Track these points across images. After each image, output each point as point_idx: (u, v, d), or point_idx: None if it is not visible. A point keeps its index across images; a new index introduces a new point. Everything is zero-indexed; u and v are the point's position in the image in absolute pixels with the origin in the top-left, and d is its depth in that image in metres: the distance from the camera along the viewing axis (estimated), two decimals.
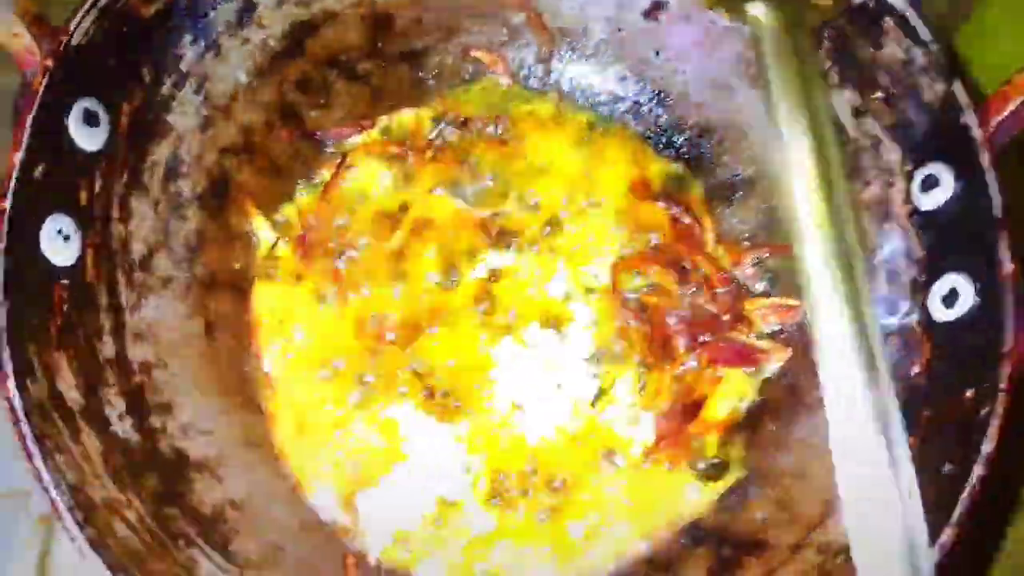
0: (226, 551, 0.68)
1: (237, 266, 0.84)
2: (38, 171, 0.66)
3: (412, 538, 0.76)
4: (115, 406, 0.68)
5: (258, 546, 0.70)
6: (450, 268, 0.85)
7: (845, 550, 0.66)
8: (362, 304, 0.84)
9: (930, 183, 0.73)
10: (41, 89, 0.67)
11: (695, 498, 0.78)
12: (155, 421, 0.71)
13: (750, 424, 0.80)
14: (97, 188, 0.72)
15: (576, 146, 0.90)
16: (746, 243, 0.87)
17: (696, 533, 0.76)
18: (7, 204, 0.64)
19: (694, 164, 0.90)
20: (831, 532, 0.69)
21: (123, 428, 0.68)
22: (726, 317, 0.83)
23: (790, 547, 0.70)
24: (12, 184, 0.64)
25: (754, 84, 0.86)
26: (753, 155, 0.88)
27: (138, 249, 0.76)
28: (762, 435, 0.79)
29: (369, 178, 0.89)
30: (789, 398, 0.80)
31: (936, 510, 0.61)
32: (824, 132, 0.69)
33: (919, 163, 0.74)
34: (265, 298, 0.84)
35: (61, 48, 0.67)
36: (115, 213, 0.74)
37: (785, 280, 0.85)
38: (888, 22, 0.72)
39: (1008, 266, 0.66)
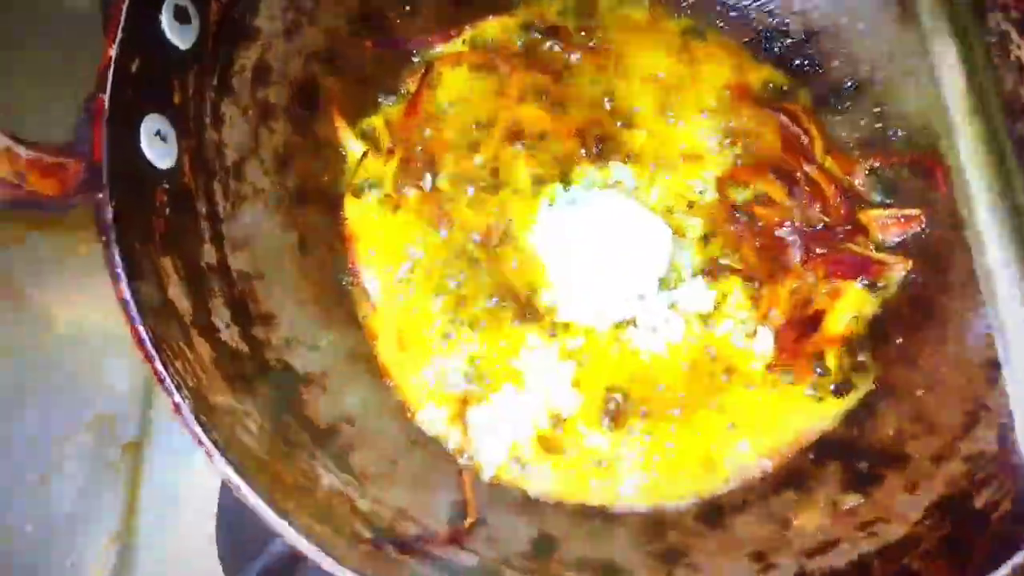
0: (345, 464, 0.64)
1: (326, 178, 0.80)
2: (134, 66, 0.62)
3: (525, 455, 0.73)
4: (220, 315, 0.65)
5: (374, 460, 0.67)
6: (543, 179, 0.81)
7: (996, 457, 0.63)
8: (459, 221, 0.80)
9: None
10: None
11: (820, 414, 0.74)
12: (259, 332, 0.68)
13: (874, 338, 0.76)
14: (191, 90, 0.68)
15: (673, 53, 0.86)
16: (857, 152, 0.83)
17: (824, 449, 0.72)
18: (106, 98, 0.60)
19: (799, 70, 0.85)
20: (979, 441, 0.65)
21: (231, 337, 0.65)
22: (842, 228, 0.79)
23: (932, 458, 0.67)
24: (110, 77, 0.60)
25: None
26: (863, 59, 0.83)
27: (231, 156, 0.72)
28: (887, 349, 0.75)
29: (457, 88, 0.84)
30: (914, 310, 0.76)
31: None
32: (966, 21, 0.65)
33: None
34: (359, 215, 0.80)
35: None
36: (207, 118, 0.70)
37: (902, 189, 0.81)
38: None
39: None
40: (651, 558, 0.66)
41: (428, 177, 0.81)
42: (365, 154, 0.81)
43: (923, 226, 0.78)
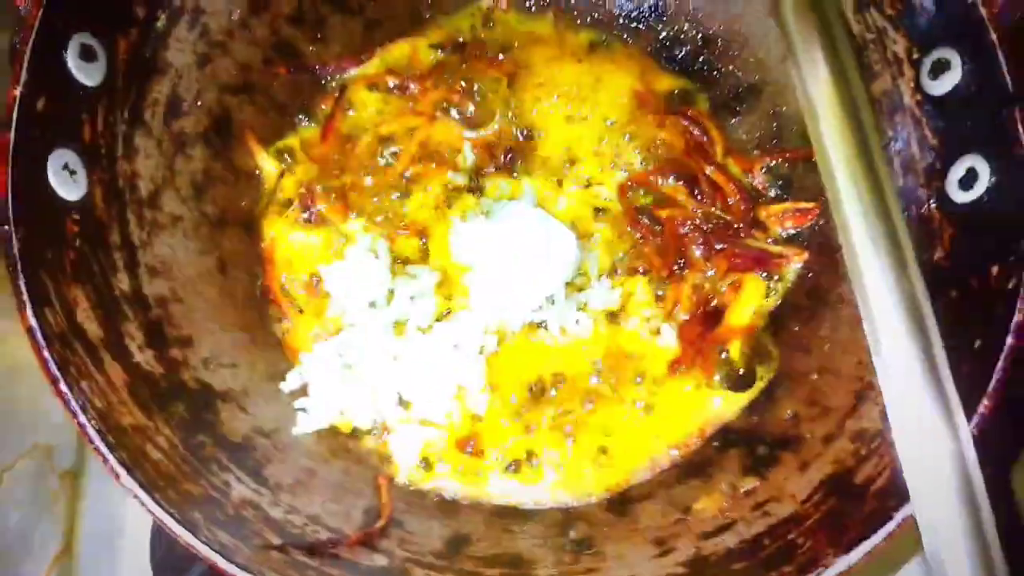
0: (259, 476, 0.67)
1: (244, 203, 0.83)
2: (40, 104, 0.65)
3: (438, 458, 0.76)
4: (135, 338, 0.68)
5: (289, 471, 0.70)
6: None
7: (879, 434, 0.66)
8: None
9: (939, 68, 0.72)
10: (36, 23, 0.65)
11: (725, 404, 0.77)
12: (176, 354, 0.70)
13: (774, 328, 0.80)
14: (100, 125, 0.71)
15: (578, 64, 0.89)
16: (755, 151, 0.87)
17: (727, 436, 0.76)
18: (11, 135, 0.63)
19: (698, 76, 0.89)
20: (864, 419, 0.69)
21: (145, 359, 0.67)
22: (741, 224, 0.83)
23: (823, 439, 0.70)
24: (15, 115, 0.63)
25: None
26: (757, 63, 0.87)
27: (145, 187, 0.74)
28: (785, 337, 0.79)
29: (370, 109, 0.88)
30: (810, 299, 0.79)
31: (971, 384, 0.61)
32: (834, 27, 0.69)
33: (926, 50, 0.73)
34: (276, 235, 0.83)
35: None
36: (120, 150, 0.73)
37: (797, 184, 0.84)
38: None
39: None
40: (559, 550, 0.69)
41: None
42: (281, 174, 0.84)
43: (817, 218, 0.82)
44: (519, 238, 0.80)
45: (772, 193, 0.85)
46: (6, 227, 0.61)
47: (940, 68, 0.72)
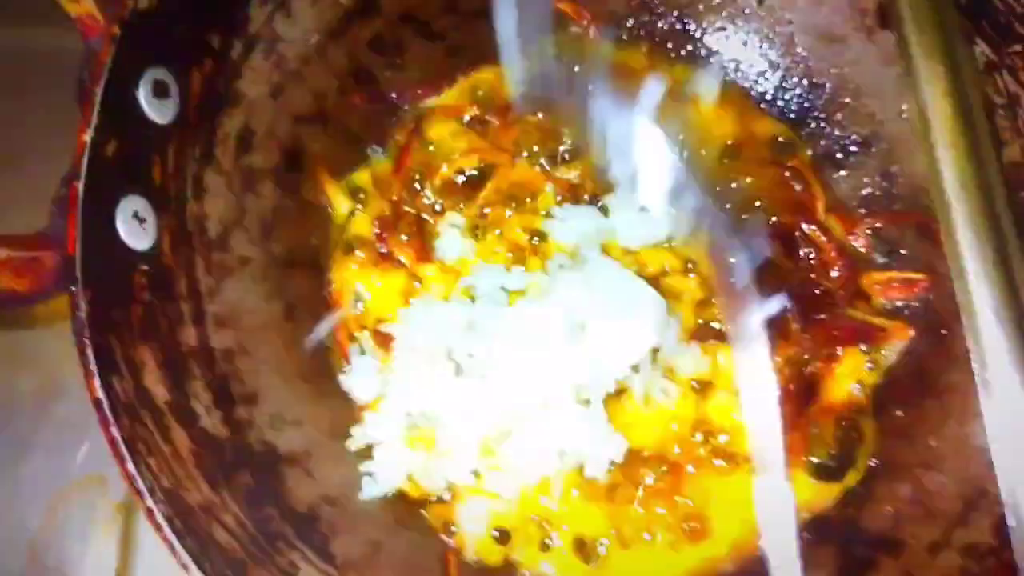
0: (325, 551, 0.64)
1: (314, 241, 0.79)
2: (110, 149, 0.61)
3: (509, 532, 0.72)
4: (201, 399, 0.64)
5: (356, 544, 0.66)
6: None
7: (993, 552, 0.61)
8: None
9: None
10: (109, 60, 0.61)
11: (818, 492, 0.72)
12: (242, 412, 0.67)
13: (873, 411, 0.74)
14: (170, 165, 0.67)
15: (673, 103, 0.83)
16: (861, 211, 0.80)
17: (822, 529, 0.71)
18: (80, 186, 0.59)
19: (802, 124, 0.83)
20: (974, 531, 0.63)
21: (212, 423, 0.64)
22: (842, 293, 0.77)
23: (928, 547, 0.65)
24: (85, 163, 0.59)
25: (870, 36, 0.78)
26: (868, 115, 0.80)
27: (214, 228, 0.71)
28: (887, 422, 0.73)
29: (447, 142, 0.83)
30: (916, 382, 0.74)
31: None
32: (967, 86, 0.63)
33: None
34: (346, 277, 0.78)
35: (127, 14, 0.61)
36: (189, 191, 0.69)
37: (906, 252, 0.78)
38: None
39: None
40: None
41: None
42: (352, 212, 0.80)
43: (927, 292, 0.76)
44: (603, 298, 0.75)
45: (877, 259, 0.79)
46: (73, 288, 0.57)
47: None
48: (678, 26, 0.86)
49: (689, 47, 0.87)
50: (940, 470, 0.69)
